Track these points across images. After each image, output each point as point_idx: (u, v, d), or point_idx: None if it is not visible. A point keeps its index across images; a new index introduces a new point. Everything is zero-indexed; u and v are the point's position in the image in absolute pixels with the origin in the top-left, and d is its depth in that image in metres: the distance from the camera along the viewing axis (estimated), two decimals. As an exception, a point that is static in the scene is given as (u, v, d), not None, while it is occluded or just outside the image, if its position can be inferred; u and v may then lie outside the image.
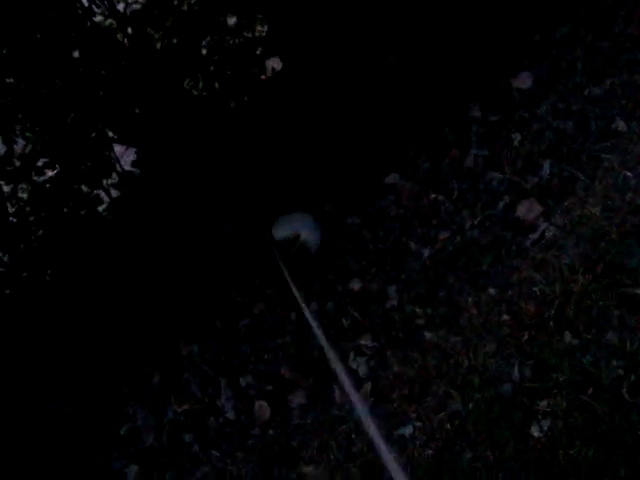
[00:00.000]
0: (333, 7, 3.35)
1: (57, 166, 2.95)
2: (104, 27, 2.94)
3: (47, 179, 2.96)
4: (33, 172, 2.91)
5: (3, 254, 2.93)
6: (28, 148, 2.88)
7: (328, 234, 3.05)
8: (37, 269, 3.02)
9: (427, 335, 2.50)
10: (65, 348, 2.94)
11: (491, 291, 2.52)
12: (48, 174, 2.98)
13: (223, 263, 3.10)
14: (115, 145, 3.16)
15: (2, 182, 2.87)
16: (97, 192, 3.11)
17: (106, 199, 3.19)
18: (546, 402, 2.10)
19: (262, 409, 2.58)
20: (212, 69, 3.23)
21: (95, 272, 3.08)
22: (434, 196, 2.96)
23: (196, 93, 3.20)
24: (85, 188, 3.06)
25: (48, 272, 3.07)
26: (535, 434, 2.04)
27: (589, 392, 2.06)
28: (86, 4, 2.92)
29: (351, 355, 2.58)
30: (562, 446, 1.97)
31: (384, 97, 3.33)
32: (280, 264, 2.81)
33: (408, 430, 2.25)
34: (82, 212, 3.05)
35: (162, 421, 2.72)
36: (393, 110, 3.30)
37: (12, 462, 2.72)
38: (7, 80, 2.78)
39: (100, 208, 3.15)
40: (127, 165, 3.27)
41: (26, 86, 2.80)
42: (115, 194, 3.23)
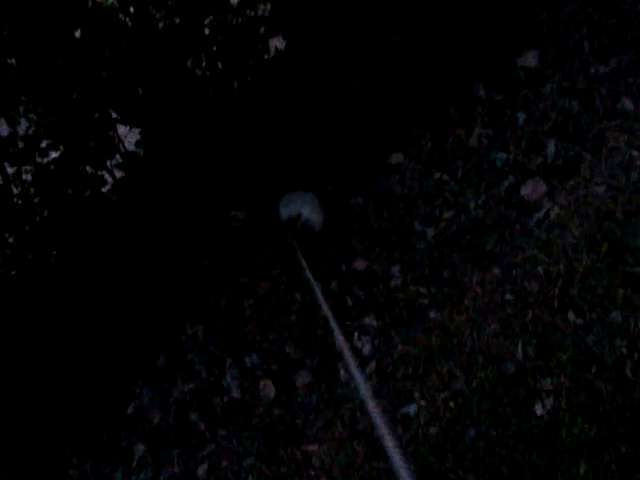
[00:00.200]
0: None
1: (61, 147, 2.95)
2: (106, 6, 2.92)
3: (51, 160, 2.95)
4: (37, 153, 2.90)
5: (9, 236, 2.93)
6: (31, 129, 2.87)
7: (332, 214, 3.04)
8: (42, 250, 3.03)
9: (431, 315, 2.51)
10: (72, 328, 2.96)
11: (495, 271, 2.52)
12: (52, 155, 2.98)
13: (227, 243, 3.11)
14: (119, 126, 3.15)
15: (6, 164, 2.86)
16: (101, 173, 3.11)
17: (110, 180, 3.19)
18: (549, 381, 2.11)
19: (267, 388, 2.60)
20: (215, 49, 3.21)
21: (100, 253, 3.09)
22: (438, 176, 2.95)
23: (199, 73, 3.18)
24: (89, 169, 3.06)
25: (53, 253, 3.07)
26: (538, 412, 2.06)
27: (592, 371, 2.08)
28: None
29: (355, 334, 2.60)
30: (565, 424, 1.99)
31: (388, 77, 3.31)
32: (292, 242, 2.80)
33: (412, 409, 2.27)
34: (86, 193, 3.05)
35: (168, 400, 2.74)
36: (397, 89, 3.28)
37: (24, 438, 2.77)
38: (9, 61, 2.77)
39: (104, 189, 3.15)
40: (131, 146, 3.27)
41: (28, 67, 2.78)
42: (119, 175, 3.23)
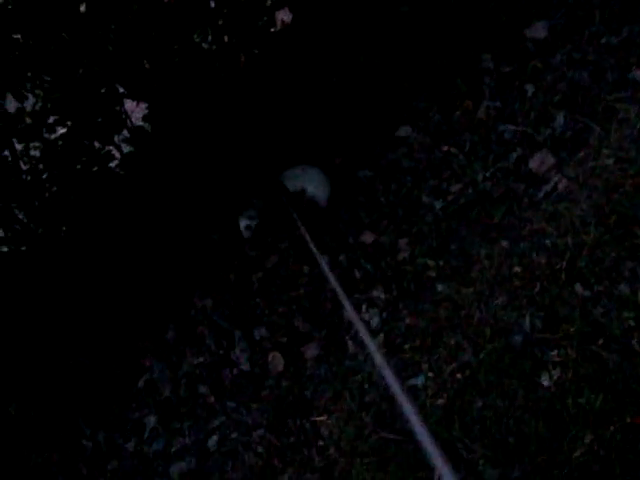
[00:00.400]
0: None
1: (68, 123, 2.95)
2: (111, -20, 2.90)
3: (58, 136, 2.95)
4: (44, 129, 2.91)
5: (18, 211, 2.95)
6: (38, 105, 2.87)
7: (340, 187, 3.04)
8: (52, 226, 3.04)
9: (439, 287, 2.52)
10: (82, 303, 2.99)
11: (503, 243, 2.52)
12: (59, 131, 2.98)
13: (235, 216, 3.12)
14: (126, 101, 3.15)
15: (14, 140, 2.86)
16: (108, 148, 3.11)
17: (118, 155, 3.20)
18: (556, 352, 2.12)
19: (276, 361, 2.63)
20: (221, 22, 3.18)
21: (109, 228, 3.10)
22: (446, 148, 2.94)
23: (206, 47, 3.16)
24: (97, 144, 3.06)
25: (63, 229, 3.09)
26: (545, 383, 2.07)
27: (599, 343, 2.08)
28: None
29: (364, 307, 2.61)
30: (571, 395, 2.00)
31: (396, 49, 3.28)
32: (295, 217, 2.81)
33: (420, 380, 2.29)
34: (94, 168, 3.05)
35: (178, 373, 2.77)
36: (405, 62, 3.25)
37: (39, 411, 2.81)
38: (14, 36, 2.76)
39: (112, 164, 3.15)
40: (138, 121, 3.26)
41: (34, 42, 2.77)
42: (126, 150, 3.23)
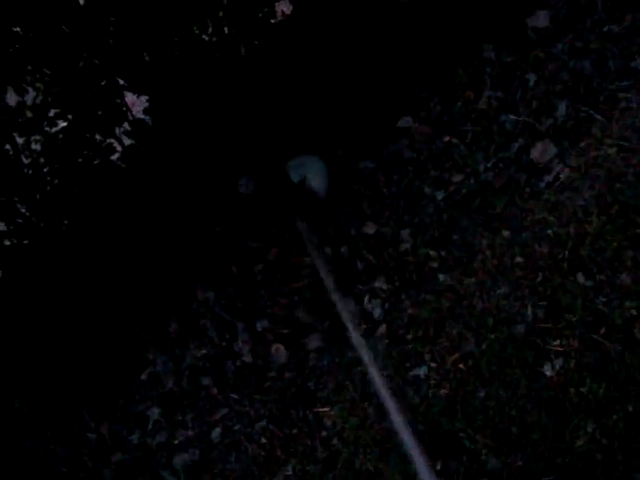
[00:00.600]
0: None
1: (69, 116, 2.95)
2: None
3: (59, 130, 2.95)
4: (45, 123, 2.90)
5: (20, 205, 2.95)
6: (39, 99, 2.86)
7: (341, 178, 3.04)
8: (54, 219, 3.05)
9: (441, 277, 2.52)
10: (85, 296, 3.00)
11: (505, 233, 2.52)
12: (60, 125, 2.97)
13: (237, 208, 3.12)
14: (126, 94, 3.14)
15: (15, 134, 2.86)
16: (110, 141, 3.10)
17: (119, 148, 3.19)
18: (559, 342, 2.12)
19: (279, 352, 2.63)
20: (221, 14, 3.17)
21: (111, 221, 3.10)
22: (447, 139, 2.93)
23: (206, 38, 3.15)
24: (98, 137, 3.06)
25: (65, 222, 3.09)
26: (547, 373, 2.08)
27: (601, 332, 2.09)
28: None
29: (366, 298, 2.62)
30: (574, 384, 2.01)
31: (396, 40, 3.26)
32: (293, 208, 2.81)
33: (422, 371, 2.30)
34: (96, 161, 3.05)
35: (181, 366, 2.78)
36: (405, 52, 3.24)
37: (44, 403, 2.82)
38: (14, 29, 2.75)
39: (114, 157, 3.15)
40: (139, 114, 3.26)
41: (33, 35, 2.77)
42: (128, 142, 3.23)
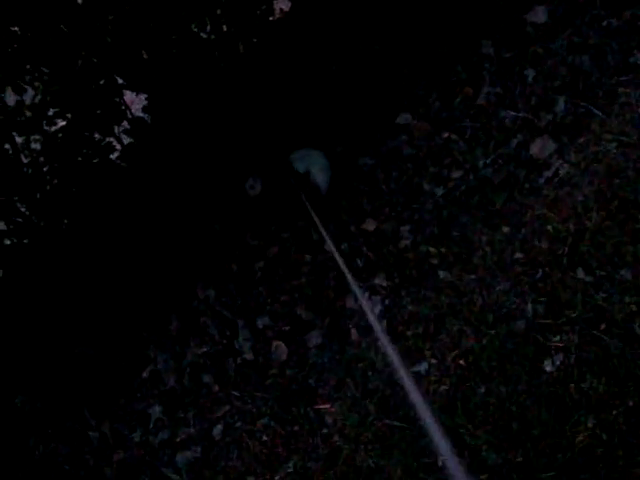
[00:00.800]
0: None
1: (68, 115, 2.95)
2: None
3: (59, 129, 2.95)
4: (44, 122, 2.90)
5: (20, 205, 2.95)
6: (37, 98, 2.86)
7: (341, 175, 3.04)
8: (54, 218, 3.05)
9: (441, 274, 2.52)
10: (85, 295, 3.00)
11: (505, 229, 2.52)
12: (59, 124, 2.97)
13: (237, 206, 3.12)
14: (125, 92, 3.14)
15: (15, 133, 2.86)
16: (109, 140, 3.11)
17: (118, 147, 3.19)
18: (559, 338, 2.13)
19: (279, 349, 2.64)
20: (219, 12, 3.17)
21: (111, 219, 3.11)
22: (447, 135, 2.93)
23: (204, 36, 3.14)
24: (97, 136, 3.06)
25: (65, 221, 3.09)
26: (547, 369, 2.08)
27: (601, 328, 2.09)
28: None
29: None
30: (574, 380, 2.01)
31: (395, 36, 3.26)
32: (302, 198, 2.81)
33: (423, 367, 2.30)
34: (95, 160, 3.05)
35: (182, 363, 2.78)
36: (404, 49, 3.23)
37: (47, 402, 2.83)
38: (12, 28, 2.75)
39: (113, 156, 3.15)
40: (138, 112, 3.26)
41: (32, 34, 2.76)
42: (127, 141, 3.23)
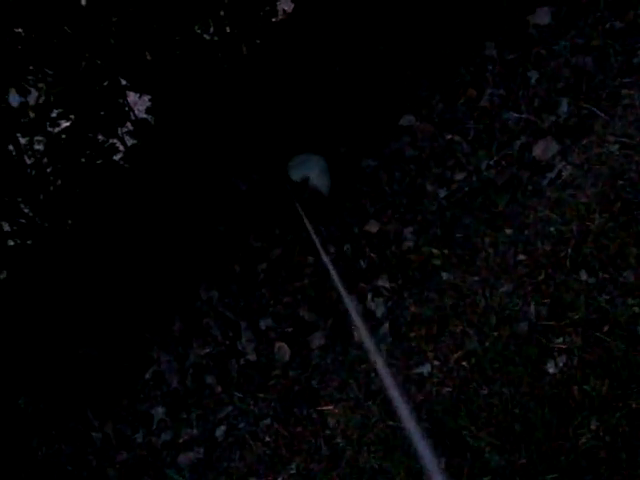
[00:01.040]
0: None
1: (71, 116, 2.95)
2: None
3: (62, 130, 2.96)
4: (48, 123, 2.91)
5: (24, 206, 2.96)
6: (41, 99, 2.87)
7: (344, 176, 3.04)
8: (57, 219, 3.06)
9: (444, 276, 2.52)
10: (89, 296, 3.01)
11: (507, 231, 2.52)
12: (63, 125, 2.98)
13: (240, 208, 3.12)
14: (129, 94, 3.14)
15: (18, 134, 2.87)
16: (112, 141, 3.11)
17: (122, 148, 3.20)
18: (562, 339, 2.12)
19: (282, 350, 2.64)
20: (222, 13, 3.18)
21: (115, 220, 3.11)
22: (450, 137, 2.93)
23: (207, 38, 3.15)
24: (100, 137, 3.07)
25: (68, 222, 3.10)
26: (550, 370, 2.08)
27: (604, 330, 2.08)
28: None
29: (369, 296, 2.62)
30: (577, 382, 2.01)
31: (398, 37, 3.26)
32: (298, 208, 2.81)
33: (426, 369, 2.30)
34: (99, 161, 3.06)
35: (185, 364, 2.78)
36: (407, 51, 3.24)
37: (50, 402, 2.84)
38: (16, 30, 2.76)
39: (117, 157, 3.15)
40: (141, 114, 3.26)
41: (36, 36, 2.77)
42: (130, 142, 3.24)
